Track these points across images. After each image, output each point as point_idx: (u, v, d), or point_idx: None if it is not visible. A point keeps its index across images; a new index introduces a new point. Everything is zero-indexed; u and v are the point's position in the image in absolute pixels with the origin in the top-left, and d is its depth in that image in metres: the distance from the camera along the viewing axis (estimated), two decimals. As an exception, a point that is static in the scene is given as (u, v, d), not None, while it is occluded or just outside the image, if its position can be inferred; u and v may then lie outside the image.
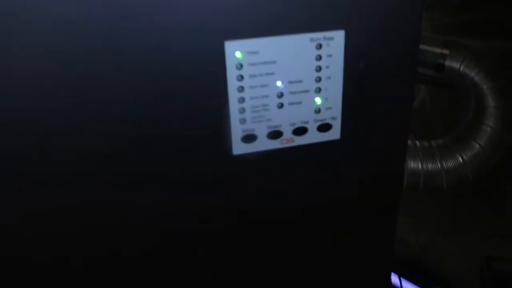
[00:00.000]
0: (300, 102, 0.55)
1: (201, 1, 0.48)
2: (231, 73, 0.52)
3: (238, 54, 0.51)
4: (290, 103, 0.55)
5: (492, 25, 1.08)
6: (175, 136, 0.53)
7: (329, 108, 0.56)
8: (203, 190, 0.57)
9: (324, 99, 0.56)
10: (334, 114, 0.57)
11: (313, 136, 0.58)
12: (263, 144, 0.57)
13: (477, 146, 0.88)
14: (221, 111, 0.53)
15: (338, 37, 0.53)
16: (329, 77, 0.55)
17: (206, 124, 0.53)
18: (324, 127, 0.57)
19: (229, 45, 0.51)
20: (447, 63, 0.93)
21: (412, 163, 0.86)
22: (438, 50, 0.95)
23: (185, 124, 0.53)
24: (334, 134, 0.58)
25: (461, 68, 0.92)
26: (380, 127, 0.60)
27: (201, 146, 0.54)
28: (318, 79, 0.54)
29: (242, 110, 0.54)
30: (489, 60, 0.92)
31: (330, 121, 0.57)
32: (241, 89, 0.53)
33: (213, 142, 0.54)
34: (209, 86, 0.52)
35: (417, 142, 0.90)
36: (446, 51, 0.94)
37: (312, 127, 0.57)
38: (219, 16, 0.49)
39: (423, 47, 0.95)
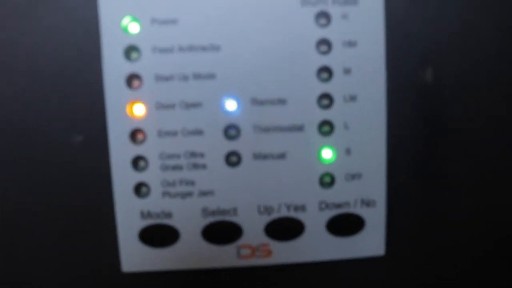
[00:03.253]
0: (282, 156, 0.23)
1: None
2: (111, 70, 0.22)
3: (132, 26, 0.22)
4: (258, 156, 0.23)
5: None
6: None
7: (355, 176, 0.23)
8: None
9: (342, 152, 0.23)
10: (369, 191, 0.23)
11: (317, 245, 0.24)
12: (192, 254, 0.23)
13: None
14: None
15: (370, 1, 0.22)
16: (352, 98, 0.23)
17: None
18: (343, 224, 0.24)
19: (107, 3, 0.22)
20: None
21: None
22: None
23: None
24: (370, 242, 0.24)
25: None
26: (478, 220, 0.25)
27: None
28: (327, 103, 0.23)
29: (136, 163, 0.23)
30: None
31: (357, 210, 0.24)
32: (131, 109, 0.22)
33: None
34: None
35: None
36: None
37: (313, 220, 0.23)
38: None
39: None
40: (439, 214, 0.25)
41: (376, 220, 0.24)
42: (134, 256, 0.23)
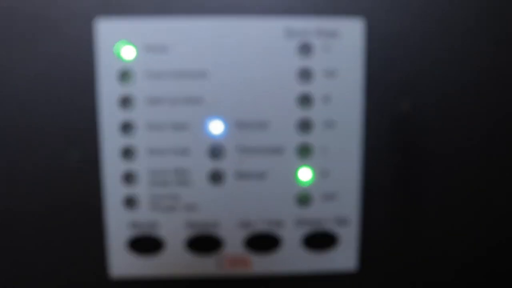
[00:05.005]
0: (263, 176, 0.24)
1: None
2: (106, 92, 0.23)
3: (126, 52, 0.23)
4: (240, 175, 0.24)
5: None
6: None
7: (331, 196, 0.25)
8: None
9: (319, 174, 0.25)
10: (343, 210, 0.25)
11: (293, 258, 0.25)
12: (176, 263, 0.25)
13: None
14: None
15: (351, 31, 0.24)
16: (331, 123, 0.24)
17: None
18: (318, 240, 0.25)
19: (103, 28, 0.23)
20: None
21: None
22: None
23: None
24: (343, 258, 0.26)
25: None
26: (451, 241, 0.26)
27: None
28: (306, 127, 0.24)
29: (127, 179, 0.24)
30: None
31: (332, 226, 0.25)
32: (126, 129, 0.24)
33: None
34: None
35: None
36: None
37: (290, 236, 0.25)
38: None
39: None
40: (410, 233, 0.26)
41: (349, 237, 0.25)
42: (122, 263, 0.25)
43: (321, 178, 0.25)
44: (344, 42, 0.24)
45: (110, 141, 0.24)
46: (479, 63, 0.25)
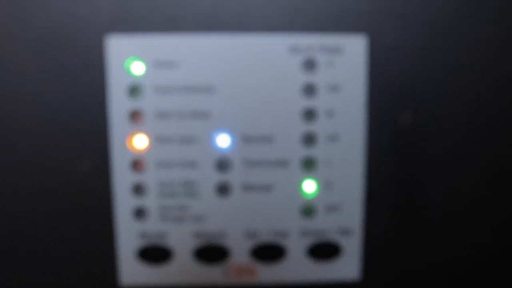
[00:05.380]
0: (268, 188, 0.25)
1: None
2: (116, 106, 0.24)
3: (136, 67, 0.24)
4: (246, 187, 0.25)
5: None
6: None
7: (334, 208, 0.26)
8: None
9: (323, 186, 0.25)
10: (347, 221, 0.26)
11: (298, 268, 0.26)
12: (184, 273, 0.26)
13: None
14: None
15: (353, 47, 0.24)
16: (334, 137, 0.25)
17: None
18: (322, 250, 0.26)
19: (114, 44, 0.24)
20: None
21: None
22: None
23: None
24: (346, 267, 0.26)
25: None
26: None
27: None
28: (311, 141, 0.25)
29: (137, 190, 0.25)
30: None
31: (335, 237, 0.26)
32: (134, 142, 0.24)
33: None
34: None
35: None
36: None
37: (295, 246, 0.26)
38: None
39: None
40: (411, 243, 0.27)
41: (352, 248, 0.26)
42: (132, 272, 0.26)
43: (325, 190, 0.25)
44: (347, 58, 0.24)
45: (120, 153, 0.25)
46: (476, 74, 0.25)
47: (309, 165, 0.25)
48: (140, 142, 0.25)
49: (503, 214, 0.27)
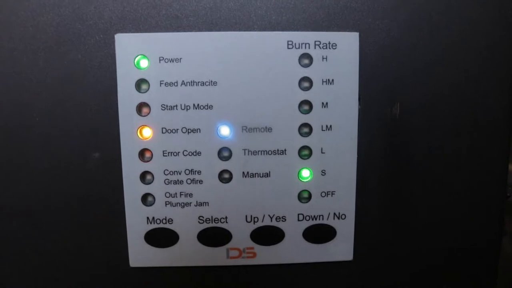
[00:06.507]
0: (267, 175, 0.27)
1: None
2: (124, 99, 0.26)
3: (142, 63, 0.26)
4: (247, 174, 0.27)
5: None
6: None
7: (329, 194, 0.27)
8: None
9: (318, 173, 0.27)
10: (340, 206, 0.28)
11: (295, 249, 0.28)
12: (189, 254, 0.28)
13: None
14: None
15: (348, 43, 0.26)
16: (329, 127, 0.27)
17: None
18: (317, 233, 0.28)
19: (121, 39, 0.26)
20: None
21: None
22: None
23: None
24: (341, 249, 0.28)
25: None
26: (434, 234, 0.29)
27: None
28: (307, 131, 0.27)
29: (144, 177, 0.27)
30: None
31: (330, 222, 0.28)
32: (141, 133, 0.26)
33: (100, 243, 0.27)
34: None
35: None
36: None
37: (292, 229, 0.28)
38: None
39: None
40: (400, 226, 0.29)
41: (346, 231, 0.28)
42: (140, 254, 0.28)
43: (320, 177, 0.27)
44: (340, 54, 0.26)
45: (128, 143, 0.26)
46: (461, 70, 0.27)
47: (305, 154, 0.27)
48: (146, 132, 0.26)
49: (483, 204, 0.29)
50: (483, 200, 0.29)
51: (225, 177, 0.27)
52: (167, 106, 0.26)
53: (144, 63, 0.26)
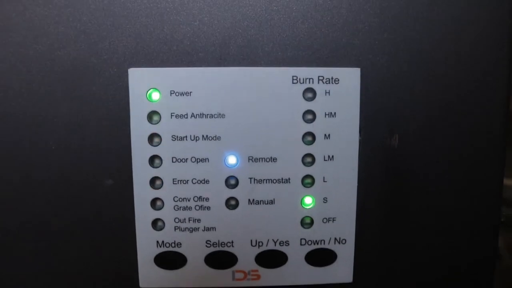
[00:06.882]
0: (272, 202, 0.28)
1: None
2: (137, 130, 0.27)
3: (154, 96, 0.27)
4: (253, 201, 0.28)
5: None
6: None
7: (330, 220, 0.29)
8: None
9: (320, 200, 0.29)
10: (341, 231, 0.29)
11: (298, 272, 0.29)
12: (196, 276, 0.29)
13: None
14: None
15: (349, 78, 0.28)
16: (331, 158, 0.28)
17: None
18: (319, 256, 0.29)
19: (134, 75, 0.27)
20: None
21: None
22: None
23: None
24: (341, 272, 0.30)
25: None
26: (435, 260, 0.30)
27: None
28: (310, 161, 0.28)
29: (154, 203, 0.28)
30: None
31: (331, 246, 0.29)
32: (152, 161, 0.28)
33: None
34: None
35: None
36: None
37: (295, 253, 0.29)
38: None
39: None
40: (398, 250, 0.30)
41: (346, 254, 0.29)
42: (150, 275, 0.29)
43: (322, 204, 0.29)
44: (342, 88, 0.28)
45: (140, 172, 0.28)
46: (460, 104, 0.28)
47: (308, 182, 0.28)
48: (157, 161, 0.28)
49: (479, 227, 0.30)
50: (479, 223, 0.30)
51: (231, 203, 0.28)
52: (177, 137, 0.27)
53: (155, 96, 0.27)
